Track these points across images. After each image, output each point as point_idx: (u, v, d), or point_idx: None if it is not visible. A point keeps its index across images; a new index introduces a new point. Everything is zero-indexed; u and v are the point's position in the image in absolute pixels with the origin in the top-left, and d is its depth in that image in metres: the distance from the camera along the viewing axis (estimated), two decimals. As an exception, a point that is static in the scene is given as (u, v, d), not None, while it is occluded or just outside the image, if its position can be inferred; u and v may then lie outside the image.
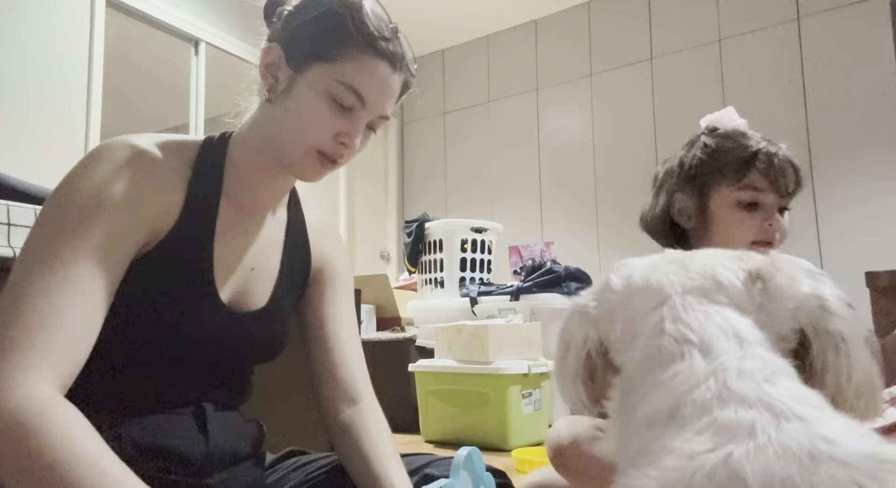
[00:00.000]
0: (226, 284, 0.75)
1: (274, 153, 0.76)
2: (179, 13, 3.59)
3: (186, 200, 0.72)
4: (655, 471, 0.37)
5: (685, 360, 0.45)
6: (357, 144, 0.76)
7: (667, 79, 4.30)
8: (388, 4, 0.77)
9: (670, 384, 0.44)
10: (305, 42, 0.73)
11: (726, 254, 0.54)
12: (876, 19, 3.61)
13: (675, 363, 0.45)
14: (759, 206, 0.98)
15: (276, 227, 0.83)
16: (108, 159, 0.67)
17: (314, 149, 0.74)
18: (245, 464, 0.77)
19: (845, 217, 3.60)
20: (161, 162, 0.70)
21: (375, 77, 0.73)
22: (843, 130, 3.67)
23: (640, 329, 0.50)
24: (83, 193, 0.64)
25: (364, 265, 5.02)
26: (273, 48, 0.75)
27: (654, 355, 0.47)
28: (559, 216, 4.66)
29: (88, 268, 0.61)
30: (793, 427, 0.36)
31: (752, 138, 1.00)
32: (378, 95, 0.74)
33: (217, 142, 0.78)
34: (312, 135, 0.73)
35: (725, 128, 1.05)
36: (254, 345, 0.79)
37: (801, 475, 0.33)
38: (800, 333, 0.48)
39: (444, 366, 2.26)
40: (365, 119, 0.75)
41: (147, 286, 0.68)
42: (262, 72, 0.76)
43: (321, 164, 0.75)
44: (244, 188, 0.77)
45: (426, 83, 5.43)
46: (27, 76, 2.85)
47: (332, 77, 0.72)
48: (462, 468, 0.75)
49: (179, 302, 0.70)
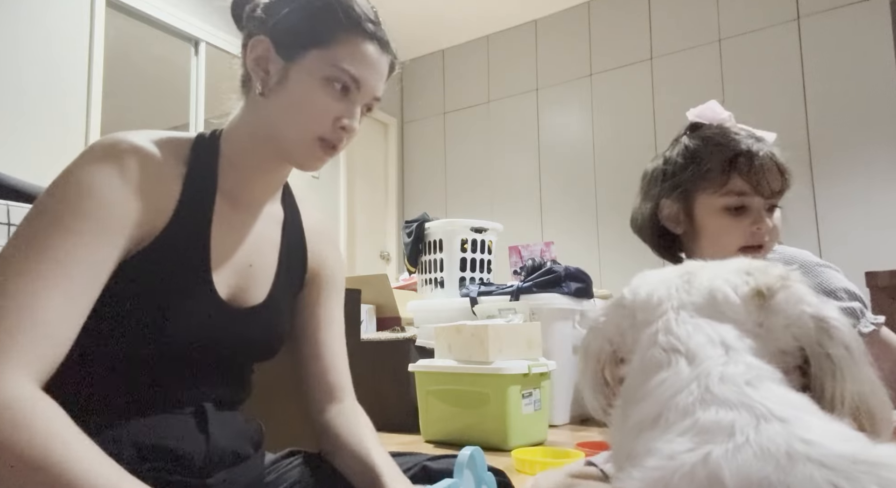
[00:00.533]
0: (224, 280, 0.75)
1: (272, 147, 0.76)
2: (179, 13, 3.59)
3: (182, 196, 0.71)
4: (639, 473, 0.38)
5: (671, 367, 0.46)
6: (356, 127, 0.77)
7: (667, 79, 4.30)
8: (388, 4, 0.78)
9: (657, 390, 0.45)
10: (295, 30, 0.74)
11: (736, 269, 0.55)
12: (876, 19, 3.61)
13: (662, 370, 0.47)
14: (746, 210, 0.94)
15: (272, 224, 0.83)
16: (103, 156, 0.67)
17: (316, 137, 0.74)
18: (245, 464, 0.77)
19: (845, 217, 3.61)
20: (157, 158, 0.70)
21: (368, 58, 0.75)
22: (843, 130, 3.67)
23: (639, 341, 0.52)
24: (75, 190, 0.64)
25: (364, 265, 5.02)
26: (261, 41, 0.75)
27: (647, 364, 0.49)
28: (559, 216, 4.66)
29: (72, 264, 0.61)
30: (772, 428, 0.37)
31: (734, 139, 0.96)
32: (371, 76, 0.76)
33: (209, 139, 0.78)
34: (314, 123, 0.74)
35: (711, 121, 1.02)
36: (253, 341, 0.79)
37: (778, 475, 0.33)
38: (802, 350, 0.49)
39: (444, 365, 2.26)
40: (361, 101, 0.77)
41: (145, 284, 0.68)
42: (251, 67, 0.76)
43: (323, 151, 0.76)
44: (239, 183, 0.77)
45: (426, 83, 5.43)
46: (27, 76, 2.86)
47: (327, 62, 0.73)
48: (465, 467, 0.75)
49: (177, 299, 0.70)
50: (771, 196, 0.95)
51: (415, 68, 5.47)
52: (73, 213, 0.62)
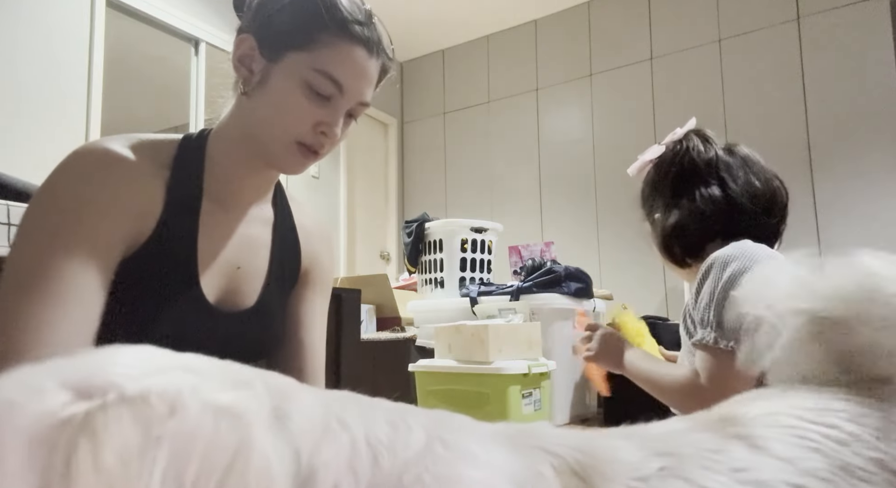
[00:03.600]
0: (212, 284, 0.74)
1: (254, 147, 0.74)
2: (179, 13, 3.59)
3: (166, 201, 0.70)
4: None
5: None
6: (338, 134, 0.74)
7: (667, 79, 4.30)
8: (389, 4, 0.77)
9: None
10: (278, 30, 0.71)
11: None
12: (876, 19, 3.61)
13: None
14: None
15: (261, 226, 0.82)
16: (81, 166, 0.65)
17: (294, 141, 0.72)
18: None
19: (845, 217, 3.60)
20: (135, 165, 0.68)
21: (352, 63, 0.71)
22: (843, 130, 3.66)
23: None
24: (59, 205, 0.63)
25: (364, 265, 5.02)
26: (246, 39, 0.73)
27: None
28: (559, 216, 4.66)
29: (74, 277, 0.60)
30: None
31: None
32: (356, 82, 0.72)
33: (196, 140, 0.76)
34: (291, 127, 0.71)
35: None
36: (243, 346, 0.78)
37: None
38: None
39: (444, 365, 2.26)
40: (344, 107, 0.73)
41: (133, 290, 0.67)
42: (235, 64, 0.74)
43: (303, 156, 0.73)
44: (226, 185, 0.76)
45: (426, 83, 5.43)
46: (27, 76, 2.86)
47: (307, 65, 0.70)
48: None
49: (165, 303, 0.69)
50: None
51: (415, 68, 5.46)
52: (66, 234, 0.62)
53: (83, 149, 0.67)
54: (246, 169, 0.77)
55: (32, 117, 2.86)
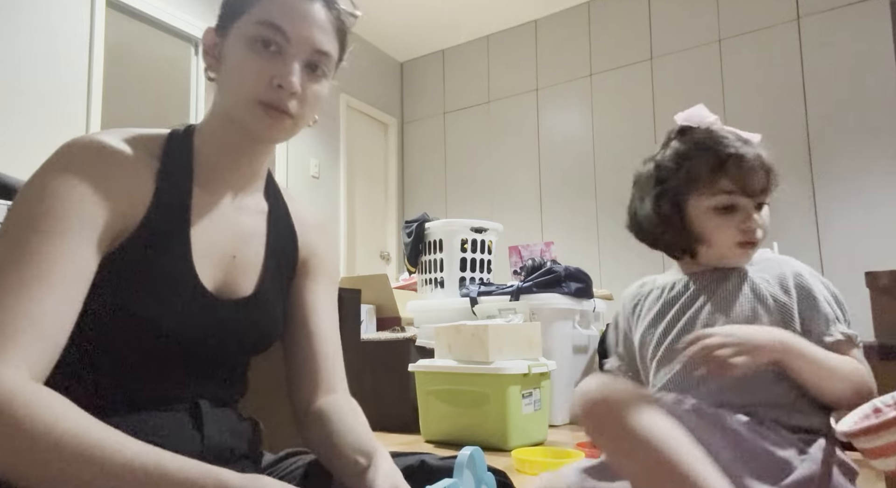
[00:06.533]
0: (208, 272, 0.74)
1: (227, 122, 0.76)
2: (179, 13, 3.59)
3: (156, 190, 0.71)
4: None
5: None
6: (295, 84, 0.73)
7: (667, 79, 4.30)
8: (389, 4, 0.78)
9: None
10: (225, 9, 0.76)
11: None
12: (876, 19, 3.61)
13: None
14: (736, 208, 0.99)
15: (256, 216, 0.82)
16: (72, 157, 0.67)
17: (256, 101, 0.72)
18: (241, 463, 0.76)
19: (845, 217, 3.60)
20: (126, 155, 0.70)
21: (290, 7, 0.73)
22: (843, 130, 3.67)
23: None
24: (48, 192, 0.64)
25: (364, 265, 5.02)
26: (207, 31, 0.78)
27: None
28: (559, 216, 4.66)
29: (58, 263, 0.61)
30: None
31: (721, 142, 1.00)
32: (299, 24, 0.73)
33: (182, 134, 0.78)
34: (249, 87, 0.72)
35: (699, 124, 1.06)
36: (244, 334, 0.78)
37: None
38: None
39: (444, 365, 2.26)
40: (295, 54, 0.73)
41: (126, 280, 0.68)
42: (203, 58, 0.79)
43: (268, 116, 0.73)
44: (214, 173, 0.77)
45: (426, 83, 5.43)
46: (27, 76, 2.86)
47: (249, 22, 0.73)
48: (465, 467, 0.75)
49: (164, 292, 0.69)
50: (758, 195, 0.99)
51: (415, 68, 5.46)
52: (51, 217, 0.62)
53: (71, 140, 0.69)
54: (231, 155, 0.78)
55: (33, 117, 2.86)
